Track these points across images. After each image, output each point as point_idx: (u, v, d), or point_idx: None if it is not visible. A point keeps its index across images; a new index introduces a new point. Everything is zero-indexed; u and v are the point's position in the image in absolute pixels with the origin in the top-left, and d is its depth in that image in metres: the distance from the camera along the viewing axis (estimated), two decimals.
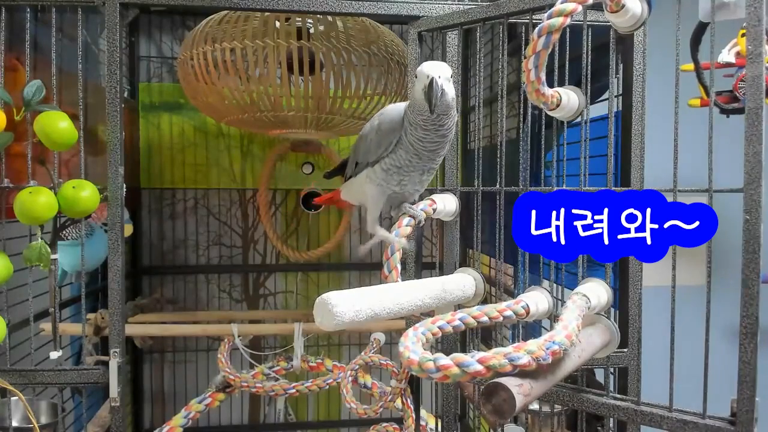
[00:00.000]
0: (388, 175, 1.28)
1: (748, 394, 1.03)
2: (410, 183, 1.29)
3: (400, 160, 1.26)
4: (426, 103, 1.15)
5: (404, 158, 1.25)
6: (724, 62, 1.48)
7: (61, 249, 1.67)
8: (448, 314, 1.05)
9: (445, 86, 1.15)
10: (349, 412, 2.02)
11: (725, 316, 1.45)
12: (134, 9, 1.47)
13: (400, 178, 1.28)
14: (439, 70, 1.14)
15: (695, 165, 1.20)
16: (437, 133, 1.20)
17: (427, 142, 1.22)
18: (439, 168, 1.50)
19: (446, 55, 1.52)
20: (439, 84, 1.12)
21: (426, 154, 1.24)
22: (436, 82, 1.12)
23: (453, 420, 1.58)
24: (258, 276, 2.83)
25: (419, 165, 1.26)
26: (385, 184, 1.29)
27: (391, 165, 1.27)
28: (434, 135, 1.20)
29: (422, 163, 1.26)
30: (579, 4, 0.99)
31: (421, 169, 1.27)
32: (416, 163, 1.25)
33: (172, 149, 2.73)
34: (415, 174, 1.28)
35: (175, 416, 2.05)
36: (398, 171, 1.27)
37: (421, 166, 1.27)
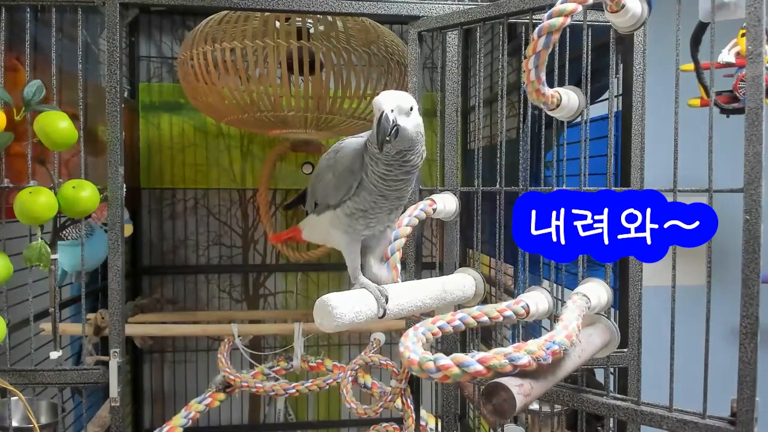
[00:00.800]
0: (353, 219, 1.15)
1: (748, 394, 1.03)
2: (378, 223, 1.17)
3: (364, 203, 1.12)
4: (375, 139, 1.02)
5: (368, 200, 1.12)
6: (724, 62, 1.48)
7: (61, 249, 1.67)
8: (448, 314, 1.05)
9: (401, 120, 1.02)
10: (349, 412, 2.02)
11: (725, 316, 1.45)
12: (134, 9, 1.47)
13: (366, 221, 1.15)
14: (394, 102, 1.03)
15: (695, 165, 1.20)
16: (402, 169, 1.07)
17: (391, 180, 1.08)
18: (439, 168, 1.51)
19: (446, 55, 1.52)
20: (390, 118, 1.00)
21: (392, 193, 1.11)
22: (386, 116, 1.00)
23: (453, 420, 1.58)
24: (258, 276, 2.83)
25: (386, 206, 1.13)
26: (352, 230, 1.16)
27: (354, 209, 1.14)
28: (398, 171, 1.07)
29: (389, 204, 1.13)
30: (579, 4, 0.99)
31: (389, 209, 1.15)
32: (382, 205, 1.13)
33: (172, 149, 2.73)
34: (382, 215, 1.15)
35: (175, 416, 2.05)
36: (364, 215, 1.13)
37: (388, 207, 1.14)
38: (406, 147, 1.05)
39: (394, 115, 1.01)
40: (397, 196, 1.13)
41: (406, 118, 1.04)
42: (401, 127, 1.02)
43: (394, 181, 1.09)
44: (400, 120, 1.02)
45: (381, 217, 1.15)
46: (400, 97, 1.05)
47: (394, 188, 1.10)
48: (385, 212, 1.15)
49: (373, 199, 1.11)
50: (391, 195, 1.11)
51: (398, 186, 1.10)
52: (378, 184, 1.09)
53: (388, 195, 1.11)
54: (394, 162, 1.06)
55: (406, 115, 1.04)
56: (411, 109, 1.05)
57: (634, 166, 1.37)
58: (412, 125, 1.05)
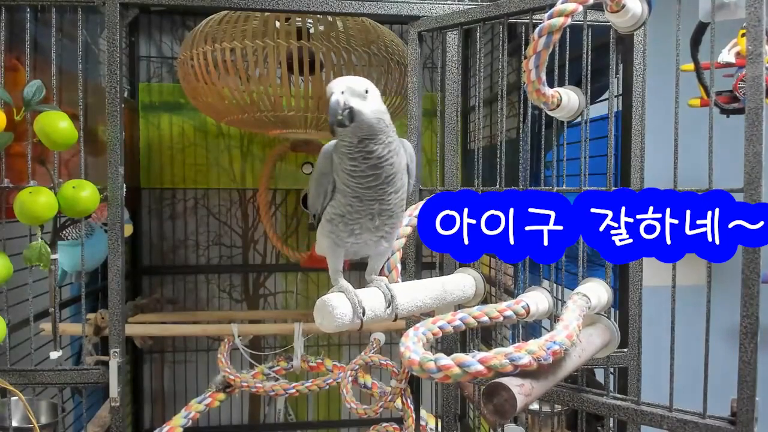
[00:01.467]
0: (334, 225, 1.09)
1: (748, 394, 1.03)
2: (362, 230, 1.09)
3: (341, 207, 1.07)
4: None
5: (344, 203, 1.06)
6: (724, 62, 1.48)
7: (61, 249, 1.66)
8: (448, 314, 1.05)
9: (354, 102, 0.97)
10: (349, 412, 2.02)
11: (725, 316, 1.46)
12: (134, 9, 1.47)
13: (348, 228, 1.08)
14: (344, 84, 0.98)
15: (695, 165, 1.20)
16: (367, 162, 1.01)
17: (360, 177, 1.02)
18: (439, 168, 1.51)
19: (446, 55, 1.52)
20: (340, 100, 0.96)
21: (365, 193, 1.04)
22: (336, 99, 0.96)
23: (453, 420, 1.58)
24: (258, 276, 2.83)
25: (364, 210, 1.06)
26: (335, 236, 1.11)
27: (333, 214, 1.09)
28: (365, 166, 1.01)
29: (367, 208, 1.06)
30: (579, 4, 0.99)
31: (370, 214, 1.07)
32: (359, 208, 1.06)
33: (172, 149, 2.73)
34: (363, 220, 1.07)
35: (175, 416, 2.05)
36: (342, 220, 1.08)
37: (368, 211, 1.06)
38: (366, 134, 0.99)
39: (345, 96, 0.97)
40: (373, 197, 1.05)
41: (361, 101, 0.98)
42: (356, 109, 0.97)
43: (363, 177, 1.02)
44: (353, 102, 0.97)
45: (363, 224, 1.08)
46: (353, 80, 1.00)
47: (365, 186, 1.03)
48: (365, 217, 1.07)
49: (347, 201, 1.06)
50: (365, 195, 1.04)
51: (369, 183, 1.03)
52: (349, 183, 1.04)
53: (362, 195, 1.04)
54: (358, 155, 1.01)
55: (360, 98, 0.99)
56: (366, 92, 0.99)
57: (634, 166, 1.37)
58: (370, 110, 0.99)
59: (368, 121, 0.99)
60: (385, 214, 1.08)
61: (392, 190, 1.06)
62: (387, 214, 1.08)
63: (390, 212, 1.09)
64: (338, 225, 1.09)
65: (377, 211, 1.07)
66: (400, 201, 1.09)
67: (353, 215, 1.07)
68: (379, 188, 1.04)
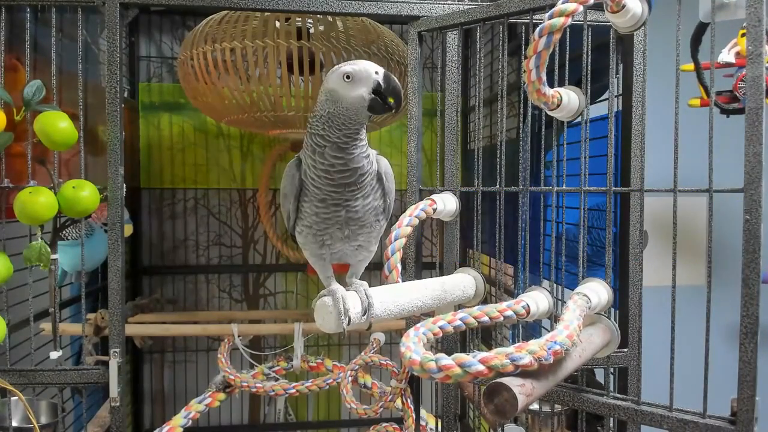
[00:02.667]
0: (303, 237, 1.10)
1: (748, 394, 1.03)
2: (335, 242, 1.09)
3: (307, 218, 1.08)
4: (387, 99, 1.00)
5: (310, 213, 1.07)
6: (724, 62, 1.48)
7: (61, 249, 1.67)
8: (449, 314, 1.05)
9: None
10: (349, 412, 2.02)
11: (725, 316, 1.46)
12: (134, 9, 1.47)
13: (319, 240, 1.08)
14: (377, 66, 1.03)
15: (695, 165, 1.20)
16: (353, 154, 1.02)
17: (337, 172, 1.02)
18: (439, 168, 1.51)
19: (446, 55, 1.52)
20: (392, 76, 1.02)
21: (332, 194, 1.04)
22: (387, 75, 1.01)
23: (453, 420, 1.58)
24: (258, 276, 2.83)
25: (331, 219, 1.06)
26: (308, 248, 1.11)
27: (302, 227, 1.10)
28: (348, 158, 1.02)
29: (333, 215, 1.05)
30: (580, 5, 0.99)
31: (338, 223, 1.07)
32: (325, 216, 1.06)
33: (172, 149, 2.73)
34: (332, 231, 1.07)
35: (175, 416, 2.05)
36: (310, 231, 1.08)
37: (334, 219, 1.06)
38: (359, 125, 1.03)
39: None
40: (339, 200, 1.04)
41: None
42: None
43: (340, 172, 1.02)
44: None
45: (332, 233, 1.08)
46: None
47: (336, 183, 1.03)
48: (333, 227, 1.07)
49: (313, 211, 1.06)
50: (331, 198, 1.04)
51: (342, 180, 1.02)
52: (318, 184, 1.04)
53: (329, 198, 1.04)
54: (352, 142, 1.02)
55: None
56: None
57: (634, 166, 1.37)
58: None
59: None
60: (354, 224, 1.08)
61: (360, 194, 1.06)
62: (356, 223, 1.08)
63: (360, 221, 1.08)
64: (308, 237, 1.09)
65: (344, 219, 1.06)
66: (370, 210, 1.09)
67: (320, 225, 1.07)
68: (349, 190, 1.04)
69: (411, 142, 1.52)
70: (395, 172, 1.18)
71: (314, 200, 1.05)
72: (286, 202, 1.10)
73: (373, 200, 1.09)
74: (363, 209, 1.07)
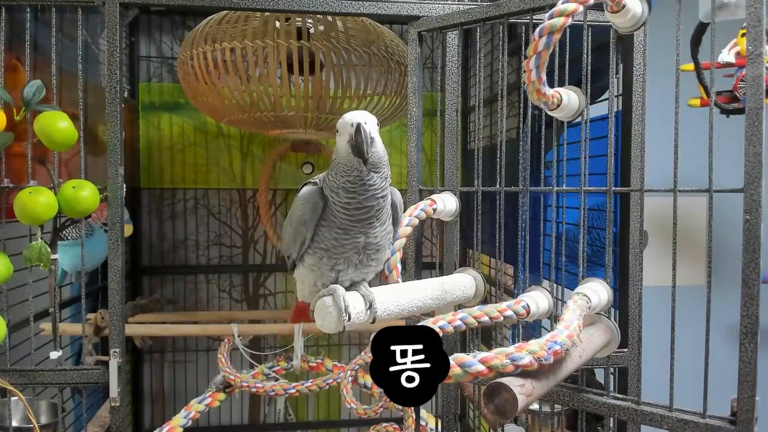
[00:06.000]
0: (316, 259, 1.09)
1: (748, 394, 1.03)
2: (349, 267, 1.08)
3: (324, 242, 1.07)
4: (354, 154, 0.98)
5: (328, 238, 1.06)
6: (724, 62, 1.48)
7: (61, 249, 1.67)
8: (449, 314, 1.05)
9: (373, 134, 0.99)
10: (349, 412, 2.02)
11: (725, 316, 1.46)
12: (134, 9, 1.47)
13: (332, 262, 1.08)
14: (364, 117, 0.99)
15: (695, 165, 1.20)
16: (365, 194, 1.01)
17: (354, 209, 1.02)
18: (439, 168, 1.51)
19: (446, 55, 1.52)
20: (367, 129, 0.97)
21: (353, 226, 1.04)
22: (363, 128, 0.97)
23: (453, 420, 1.58)
24: (258, 276, 2.83)
25: (349, 244, 1.06)
26: (317, 269, 1.10)
27: (317, 248, 1.08)
28: (361, 198, 1.01)
29: (352, 241, 1.06)
30: (580, 5, 0.99)
31: (355, 248, 1.06)
32: (344, 241, 1.06)
33: (172, 149, 2.73)
34: (349, 254, 1.07)
35: (175, 416, 2.05)
36: (326, 254, 1.07)
37: (352, 245, 1.06)
38: (374, 167, 1.01)
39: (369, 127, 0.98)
40: (360, 230, 1.05)
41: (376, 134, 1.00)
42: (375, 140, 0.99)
43: (357, 209, 1.03)
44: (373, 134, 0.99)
45: (348, 257, 1.07)
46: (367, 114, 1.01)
47: (356, 219, 1.03)
48: (351, 251, 1.07)
49: (332, 235, 1.06)
50: (352, 228, 1.04)
51: (361, 216, 1.03)
52: (339, 215, 1.04)
53: (349, 228, 1.04)
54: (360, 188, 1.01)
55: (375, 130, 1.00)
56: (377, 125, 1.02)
57: (634, 166, 1.37)
58: (381, 143, 1.02)
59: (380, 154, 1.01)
60: (371, 249, 1.08)
61: (378, 223, 1.06)
62: (373, 248, 1.08)
63: (377, 246, 1.08)
64: (322, 259, 1.08)
65: (362, 244, 1.07)
66: (386, 235, 1.10)
67: (338, 249, 1.06)
68: (368, 222, 1.05)
69: (411, 142, 1.52)
70: (395, 172, 1.18)
71: (334, 227, 1.06)
72: (303, 229, 1.08)
73: (387, 225, 1.10)
74: (380, 234, 1.09)
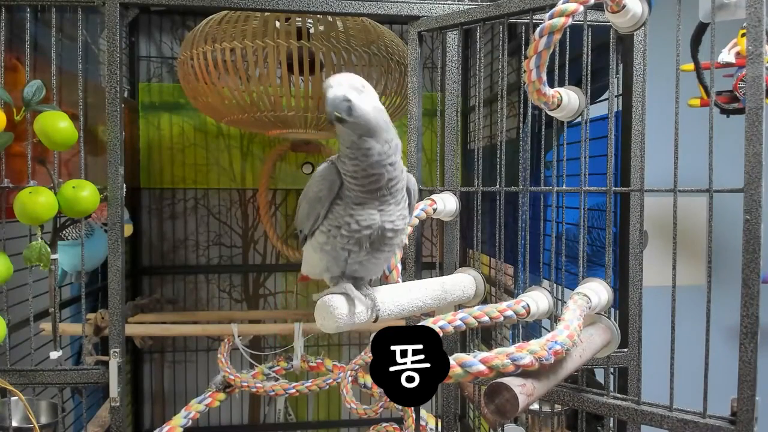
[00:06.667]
0: (329, 238, 1.05)
1: (748, 394, 1.03)
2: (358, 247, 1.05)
3: (339, 218, 1.03)
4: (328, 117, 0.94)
5: (343, 215, 1.02)
6: (724, 62, 1.48)
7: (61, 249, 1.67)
8: (449, 314, 1.05)
9: (352, 95, 0.94)
10: (349, 412, 2.02)
11: (725, 316, 1.46)
12: (134, 9, 1.48)
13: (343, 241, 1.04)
14: (340, 79, 0.96)
15: (695, 165, 1.20)
16: (367, 160, 0.97)
17: (363, 177, 0.98)
18: (439, 168, 1.51)
19: (446, 55, 1.52)
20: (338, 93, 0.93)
21: (366, 199, 1.00)
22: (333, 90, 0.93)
23: (453, 420, 1.58)
24: (258, 276, 2.83)
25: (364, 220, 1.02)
26: (328, 248, 1.06)
27: (330, 225, 1.04)
28: (365, 164, 0.97)
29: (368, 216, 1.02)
30: (580, 5, 0.99)
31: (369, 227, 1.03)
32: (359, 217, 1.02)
33: (172, 149, 2.73)
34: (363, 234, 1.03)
35: (175, 416, 2.05)
36: (338, 231, 1.03)
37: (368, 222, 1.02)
38: (365, 131, 0.96)
39: (343, 89, 0.94)
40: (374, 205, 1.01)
41: (358, 95, 0.95)
42: (354, 103, 0.94)
43: (365, 177, 0.98)
44: (351, 95, 0.94)
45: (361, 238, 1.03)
46: (350, 76, 0.97)
47: (367, 188, 0.99)
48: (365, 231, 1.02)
49: (347, 212, 1.02)
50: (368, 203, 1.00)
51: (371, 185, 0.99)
52: (352, 187, 1.00)
53: (364, 201, 1.01)
54: (358, 153, 0.97)
55: (357, 92, 0.96)
56: (363, 87, 0.97)
57: (634, 166, 1.37)
58: (371, 106, 0.96)
59: (367, 116, 0.96)
60: (388, 228, 1.03)
61: (393, 200, 1.03)
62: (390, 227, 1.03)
63: (393, 225, 1.04)
64: (335, 238, 1.04)
65: (378, 224, 1.02)
66: (402, 217, 1.05)
67: (353, 226, 1.02)
68: (381, 194, 1.00)
69: (411, 142, 1.52)
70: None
71: (350, 203, 1.02)
72: (319, 205, 1.05)
73: (403, 208, 1.06)
74: (396, 214, 1.04)
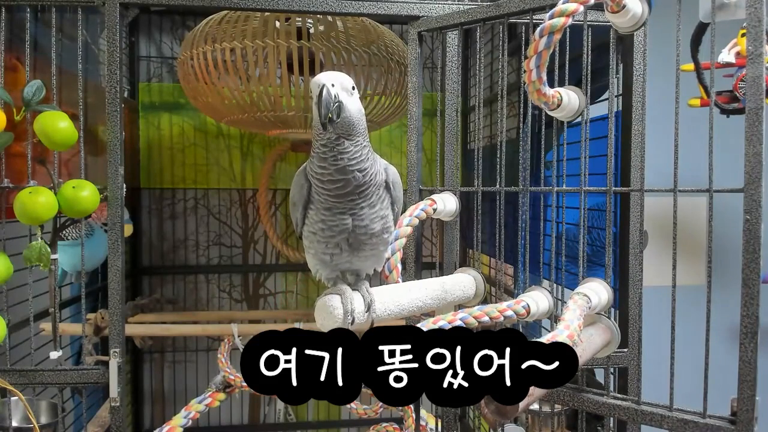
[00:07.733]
0: (309, 242, 1.06)
1: (748, 394, 1.03)
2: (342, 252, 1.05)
3: (313, 225, 1.04)
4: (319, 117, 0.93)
5: (316, 220, 1.03)
6: (724, 62, 1.48)
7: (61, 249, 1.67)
8: (449, 314, 1.05)
9: (343, 97, 0.94)
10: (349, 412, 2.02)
11: (725, 316, 1.46)
12: (134, 9, 1.48)
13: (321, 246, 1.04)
14: (335, 78, 0.95)
15: (695, 165, 1.20)
16: (336, 165, 0.96)
17: (329, 182, 0.97)
18: (439, 168, 1.51)
19: (446, 55, 1.52)
20: (332, 93, 0.92)
21: (336, 204, 0.99)
22: (327, 90, 0.92)
23: (453, 420, 1.58)
24: (258, 276, 2.83)
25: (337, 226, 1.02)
26: (313, 252, 1.07)
27: (308, 232, 1.05)
28: (332, 169, 0.96)
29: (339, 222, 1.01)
30: (580, 5, 0.99)
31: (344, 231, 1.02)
32: (331, 224, 1.01)
33: (172, 149, 2.73)
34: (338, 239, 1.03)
35: (175, 416, 2.04)
36: (315, 237, 1.04)
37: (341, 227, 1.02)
38: (345, 132, 0.95)
39: (336, 90, 0.93)
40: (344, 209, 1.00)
41: (348, 97, 0.95)
42: (344, 104, 0.94)
43: (332, 182, 0.97)
44: (342, 97, 0.94)
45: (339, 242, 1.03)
46: (341, 76, 0.96)
47: (335, 194, 0.99)
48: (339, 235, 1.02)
49: (319, 217, 1.02)
50: (336, 206, 1.00)
51: (338, 191, 0.98)
52: (318, 189, 1.00)
53: (333, 206, 1.00)
54: (330, 155, 0.96)
55: (348, 94, 0.96)
56: (353, 88, 0.97)
57: (634, 166, 1.37)
58: (356, 108, 0.96)
59: (352, 121, 0.96)
60: (361, 231, 1.03)
61: (365, 204, 1.02)
62: (363, 231, 1.03)
63: (366, 230, 1.03)
64: (314, 243, 1.05)
65: (350, 227, 1.02)
66: (377, 218, 1.04)
67: (326, 233, 1.03)
68: (350, 199, 1.00)
69: (411, 142, 1.52)
70: None
71: (320, 209, 1.02)
72: (295, 210, 1.07)
73: (380, 209, 1.05)
74: (369, 217, 1.03)
